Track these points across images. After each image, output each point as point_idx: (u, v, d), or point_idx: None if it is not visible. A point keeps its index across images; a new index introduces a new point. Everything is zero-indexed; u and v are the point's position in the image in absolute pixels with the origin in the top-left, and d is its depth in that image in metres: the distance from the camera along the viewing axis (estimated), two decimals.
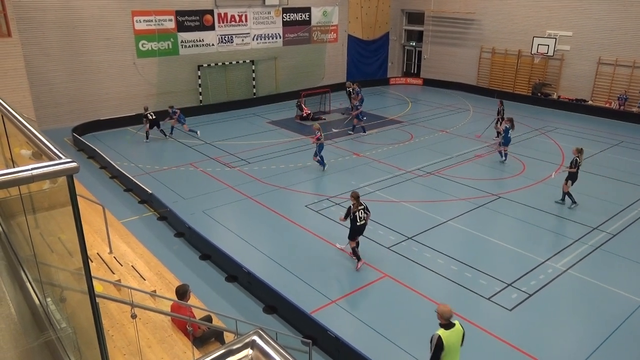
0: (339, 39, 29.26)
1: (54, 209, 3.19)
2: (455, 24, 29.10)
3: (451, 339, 6.09)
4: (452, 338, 6.10)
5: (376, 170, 16.05)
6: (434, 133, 20.45)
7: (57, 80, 20.16)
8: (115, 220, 11.29)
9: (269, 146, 18.61)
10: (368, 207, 10.30)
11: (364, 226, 10.25)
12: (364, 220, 10.10)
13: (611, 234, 11.96)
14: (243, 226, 12.47)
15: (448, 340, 6.06)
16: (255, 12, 25.08)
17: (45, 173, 2.17)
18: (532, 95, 26.16)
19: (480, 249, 11.30)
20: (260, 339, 1.79)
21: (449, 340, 6.07)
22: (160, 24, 22.18)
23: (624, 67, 23.13)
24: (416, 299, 9.44)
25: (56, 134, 18.62)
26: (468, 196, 14.10)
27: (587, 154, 17.74)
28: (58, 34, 19.72)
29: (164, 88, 22.94)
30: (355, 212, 9.99)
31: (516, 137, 19.89)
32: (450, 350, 6.10)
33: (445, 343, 6.03)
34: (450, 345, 6.07)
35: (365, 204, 10.26)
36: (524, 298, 9.43)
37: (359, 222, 10.04)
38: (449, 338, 6.06)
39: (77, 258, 2.58)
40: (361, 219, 10.04)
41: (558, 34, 24.57)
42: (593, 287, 9.87)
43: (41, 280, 3.71)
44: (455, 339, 6.16)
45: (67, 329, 3.37)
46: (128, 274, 8.00)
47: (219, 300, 9.40)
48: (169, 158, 17.34)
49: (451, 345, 6.09)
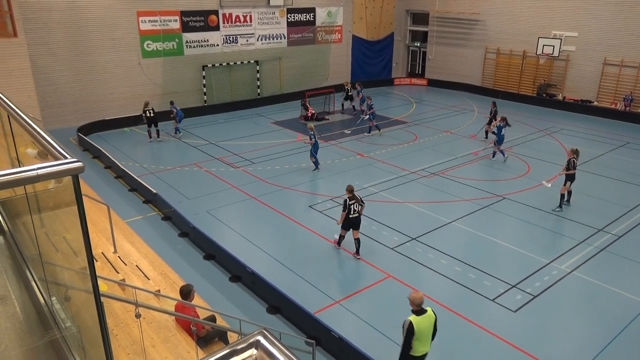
0: (344, 40, 29.25)
1: (59, 209, 3.20)
2: (460, 25, 29.03)
3: (422, 325, 6.36)
4: (423, 324, 6.37)
5: (380, 171, 16.03)
6: (439, 134, 20.41)
7: (62, 80, 20.25)
8: (120, 220, 11.32)
9: (273, 146, 18.62)
10: (363, 200, 10.75)
11: (358, 219, 10.63)
12: (357, 213, 10.55)
13: (616, 235, 11.89)
14: (247, 226, 12.48)
15: (419, 325, 6.33)
16: (260, 12, 25.11)
17: (50, 173, 2.18)
18: (537, 96, 26.07)
19: (485, 250, 11.27)
20: (265, 339, 1.79)
21: (420, 326, 6.34)
22: (165, 24, 22.25)
23: (629, 67, 23.01)
24: None
25: (61, 134, 18.70)
26: (472, 197, 14.06)
27: (593, 155, 17.70)
28: (63, 34, 19.80)
29: (169, 88, 23.00)
30: (351, 205, 10.43)
31: (521, 137, 19.85)
32: (421, 335, 6.39)
33: (416, 328, 6.30)
34: (421, 330, 6.35)
35: (359, 197, 10.71)
36: (529, 299, 9.40)
37: (352, 214, 10.50)
38: (419, 324, 6.34)
39: (82, 257, 2.59)
40: (354, 211, 10.50)
41: (563, 34, 24.47)
42: (598, 288, 9.82)
43: (46, 280, 3.73)
44: (427, 324, 6.43)
45: (71, 328, 3.39)
46: (132, 273, 8.02)
47: (223, 300, 9.41)
48: (173, 158, 17.38)
49: (422, 330, 6.37)
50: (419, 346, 6.46)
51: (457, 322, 8.80)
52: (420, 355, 6.57)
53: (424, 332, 6.41)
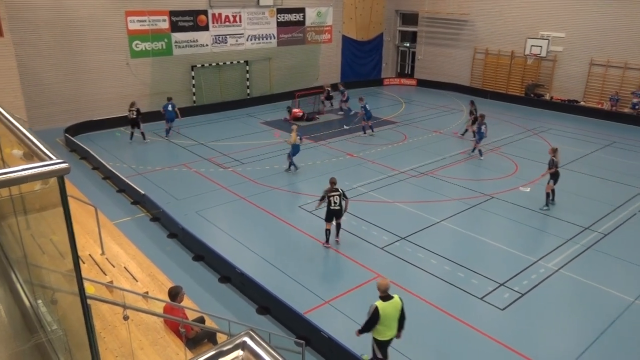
0: (333, 40, 29.29)
1: (46, 210, 3.18)
2: (449, 25, 29.20)
3: (387, 310, 6.75)
4: (388, 309, 6.76)
5: (370, 171, 16.08)
6: (428, 134, 20.51)
7: (49, 81, 20.04)
8: (108, 222, 11.23)
9: (262, 147, 18.59)
10: (346, 194, 11.09)
11: (339, 212, 10.94)
12: (338, 205, 10.82)
13: (602, 233, 12.04)
14: (236, 227, 12.45)
15: (384, 310, 6.73)
16: (250, 12, 25.05)
17: (35, 174, 2.16)
18: (525, 96, 26.30)
19: (473, 249, 11.35)
20: (251, 340, 1.79)
21: (385, 311, 6.73)
22: (154, 24, 22.11)
23: (615, 68, 23.30)
24: (409, 299, 9.44)
25: (48, 135, 18.50)
26: (461, 196, 14.16)
27: (580, 154, 17.91)
28: (51, 34, 19.60)
29: (158, 88, 22.85)
30: (330, 197, 10.74)
31: (509, 137, 20.02)
32: (387, 320, 6.79)
33: (382, 313, 6.70)
34: (386, 315, 6.75)
35: (342, 191, 10.97)
36: (516, 297, 9.48)
37: (333, 206, 10.81)
38: (385, 309, 6.73)
39: (69, 259, 2.57)
40: (335, 203, 10.79)
41: (551, 35, 24.71)
42: (585, 286, 9.94)
43: (32, 282, 3.69)
44: (392, 310, 6.81)
45: (58, 331, 3.36)
46: (120, 275, 7.96)
47: (212, 301, 9.38)
48: (162, 159, 17.28)
49: (387, 315, 6.77)
50: (385, 330, 6.86)
51: (446, 320, 8.86)
52: (387, 339, 6.98)
53: (390, 317, 6.81)
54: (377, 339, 6.94)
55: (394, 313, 6.81)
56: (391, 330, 6.92)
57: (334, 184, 10.97)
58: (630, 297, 9.54)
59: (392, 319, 6.82)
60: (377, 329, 6.85)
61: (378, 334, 6.90)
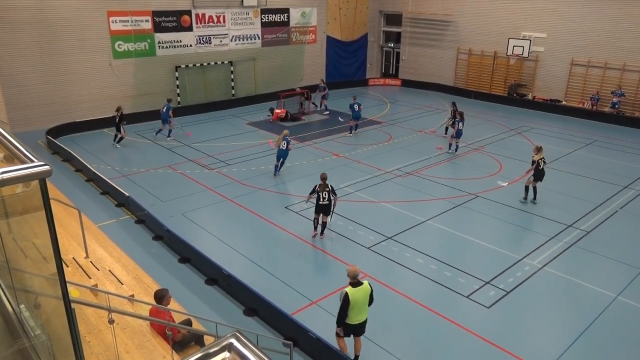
0: (318, 40, 29.31)
1: (28, 213, 3.13)
2: (433, 26, 29.42)
3: (357, 296, 7.07)
4: (357, 295, 7.08)
5: (356, 171, 16.12)
6: (413, 133, 20.64)
7: (30, 82, 19.72)
8: (92, 224, 11.10)
9: (248, 147, 18.53)
10: (335, 191, 11.40)
11: (327, 207, 11.26)
12: (327, 201, 11.18)
13: (585, 231, 12.23)
14: (223, 228, 12.39)
15: (354, 296, 7.04)
16: (234, 13, 24.95)
17: (16, 177, 2.13)
18: (508, 95, 26.61)
19: (459, 248, 11.44)
20: (238, 342, 1.79)
21: (355, 297, 7.05)
22: (136, 24, 21.90)
23: (596, 68, 23.70)
24: (397, 298, 9.51)
25: (30, 137, 18.22)
26: (446, 196, 14.27)
27: (562, 153, 18.17)
28: (32, 35, 19.29)
29: (141, 89, 22.64)
30: (319, 192, 11.13)
31: (493, 136, 20.24)
32: (356, 305, 7.10)
33: (351, 299, 7.02)
34: (356, 301, 7.06)
35: (332, 187, 11.33)
36: (502, 295, 9.59)
37: (322, 201, 11.18)
38: (354, 294, 7.05)
39: (52, 263, 2.54)
40: (324, 199, 11.15)
41: (532, 35, 25.04)
42: (568, 283, 10.08)
43: (14, 287, 3.63)
44: (362, 296, 7.12)
45: (41, 336, 3.31)
46: (105, 278, 7.87)
47: (199, 303, 9.31)
48: (146, 160, 17.11)
49: (357, 301, 7.08)
50: (354, 315, 7.18)
51: (433, 319, 8.92)
52: (356, 323, 7.29)
53: (359, 303, 7.11)
54: (346, 323, 7.27)
55: (363, 298, 7.14)
56: (360, 315, 7.25)
57: (325, 180, 11.30)
58: (613, 293, 9.70)
59: (362, 304, 7.16)
60: (348, 314, 7.17)
61: (347, 318, 7.23)
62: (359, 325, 7.38)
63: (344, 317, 7.15)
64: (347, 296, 7.01)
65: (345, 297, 7.02)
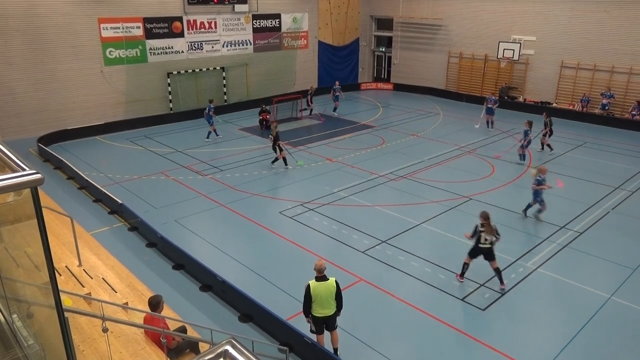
0: (310, 45, 29.37)
1: (19, 222, 3.11)
2: (424, 30, 29.59)
3: (319, 290, 7.42)
4: (320, 289, 7.42)
5: (349, 175, 16.13)
6: (405, 137, 20.70)
7: (21, 90, 19.60)
8: (85, 232, 11.03)
9: (241, 153, 18.50)
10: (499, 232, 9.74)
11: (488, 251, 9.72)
12: (488, 243, 9.66)
13: (578, 232, 12.30)
14: (217, 234, 12.34)
15: (315, 290, 7.41)
16: (225, 18, 24.97)
17: (7, 185, 2.11)
18: (499, 98, 26.74)
19: (453, 251, 11.45)
20: (233, 348, 1.78)
21: (317, 290, 7.41)
22: (128, 31, 21.85)
23: (585, 70, 23.92)
24: (392, 302, 9.51)
25: (21, 145, 18.10)
26: (440, 199, 14.31)
27: (553, 155, 18.29)
28: (22, 42, 19.20)
29: (133, 96, 22.57)
30: (481, 232, 9.66)
31: (485, 139, 20.35)
32: (318, 299, 7.44)
33: (313, 292, 7.40)
34: (318, 295, 7.41)
35: (495, 227, 9.70)
36: (497, 297, 9.61)
37: (483, 243, 9.67)
38: (316, 288, 7.41)
39: (44, 272, 2.52)
40: (486, 240, 9.65)
41: (522, 38, 25.21)
42: (562, 284, 10.13)
43: (6, 297, 3.60)
44: (325, 291, 7.45)
45: (34, 345, 3.28)
46: (99, 286, 7.82)
47: (194, 310, 9.26)
48: (139, 167, 17.03)
49: (319, 295, 7.42)
50: (317, 307, 7.52)
51: (428, 322, 8.92)
52: (320, 316, 7.59)
53: (321, 297, 7.43)
54: (312, 314, 7.62)
55: (325, 293, 7.45)
56: (323, 309, 7.54)
57: (488, 219, 9.63)
58: (607, 293, 9.75)
59: (324, 299, 7.46)
60: (312, 306, 7.54)
61: (312, 310, 7.58)
62: (326, 319, 7.65)
63: (307, 308, 7.56)
64: (308, 288, 7.45)
65: (307, 288, 7.46)
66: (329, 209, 13.53)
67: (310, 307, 7.53)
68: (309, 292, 7.43)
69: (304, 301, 7.54)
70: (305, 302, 7.53)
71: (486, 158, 17.88)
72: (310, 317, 7.66)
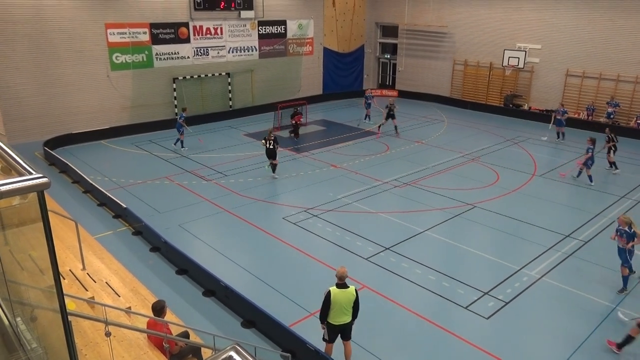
0: (315, 52, 29.46)
1: (24, 225, 3.11)
2: (429, 37, 29.64)
3: (339, 297, 7.29)
4: (340, 296, 7.29)
5: (353, 182, 16.12)
6: (410, 144, 20.69)
7: (27, 94, 19.73)
8: (89, 236, 11.06)
9: (245, 158, 18.53)
10: None
11: None
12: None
13: (583, 241, 12.23)
14: (220, 240, 12.34)
15: (335, 297, 7.27)
16: (231, 24, 25.09)
17: (14, 189, 2.12)
18: (504, 106, 26.74)
19: (457, 259, 11.42)
20: (237, 355, 1.77)
21: (337, 298, 7.27)
22: (134, 36, 21.99)
23: (590, 78, 23.87)
24: (395, 309, 9.47)
25: (27, 148, 18.19)
26: (444, 206, 14.27)
27: (558, 163, 18.22)
28: (29, 47, 19.34)
29: (139, 101, 22.68)
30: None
31: (489, 147, 20.31)
32: (337, 306, 7.32)
33: (333, 299, 7.26)
34: (337, 302, 7.29)
35: None
36: (501, 306, 9.55)
37: None
38: (336, 296, 7.28)
39: (49, 275, 2.52)
40: None
41: (528, 46, 25.25)
42: (566, 293, 10.05)
43: (10, 300, 3.60)
44: (344, 299, 7.32)
45: (37, 349, 3.28)
46: (102, 290, 7.82)
47: (196, 315, 9.25)
48: (143, 171, 17.08)
49: (338, 302, 7.29)
50: (335, 316, 7.40)
51: (432, 330, 8.87)
52: (338, 324, 7.45)
53: (340, 305, 7.31)
54: (328, 322, 7.48)
55: (344, 301, 7.33)
56: (340, 317, 7.41)
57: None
58: (612, 303, 9.68)
59: (342, 306, 7.34)
60: (329, 313, 7.41)
61: (329, 317, 7.45)
62: (342, 327, 7.52)
63: (325, 315, 7.41)
64: (328, 294, 7.30)
65: (327, 295, 7.30)
66: (332, 215, 13.52)
67: (328, 314, 7.39)
68: (329, 299, 7.27)
69: (322, 307, 7.39)
70: (323, 308, 7.38)
71: (491, 166, 17.84)
72: (326, 324, 7.53)
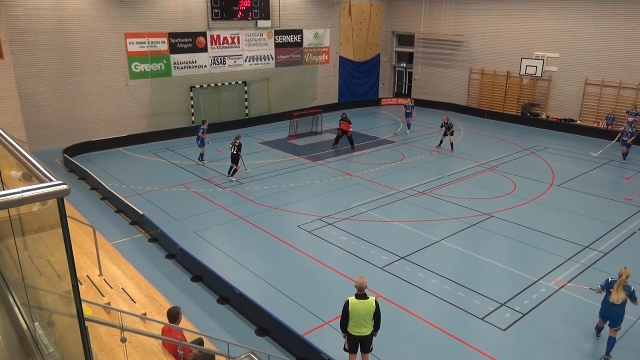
0: (331, 61, 29.59)
1: (44, 231, 3.16)
2: (445, 46, 29.56)
3: (357, 308, 7.22)
4: (358, 307, 7.22)
5: (368, 190, 16.08)
6: (426, 153, 20.58)
7: (48, 102, 20.14)
8: (106, 242, 11.19)
9: (261, 167, 18.61)
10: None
11: None
12: None
13: (602, 252, 12.00)
14: (235, 247, 12.39)
15: (354, 307, 7.22)
16: (248, 34, 25.35)
17: (35, 195, 2.15)
18: (522, 115, 26.48)
19: (473, 269, 11.28)
20: None
21: (355, 308, 7.21)
22: (153, 45, 22.33)
23: (610, 87, 23.54)
24: (410, 319, 9.38)
25: (47, 155, 18.53)
26: (460, 215, 14.14)
27: (577, 172, 17.96)
28: (51, 56, 19.77)
29: (156, 109, 22.98)
30: None
31: (507, 156, 20.10)
32: (355, 317, 7.24)
33: (351, 309, 7.21)
34: (355, 312, 7.22)
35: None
36: (518, 318, 9.40)
37: None
38: (355, 306, 7.22)
39: (66, 281, 2.55)
40: None
41: (545, 55, 25.01)
42: (586, 305, 9.85)
43: (29, 304, 3.65)
44: (363, 309, 7.23)
45: (55, 353, 3.31)
46: (118, 296, 7.89)
47: (211, 322, 9.27)
48: (160, 179, 17.26)
49: (356, 312, 7.22)
50: (353, 326, 7.33)
51: (447, 341, 8.76)
52: (356, 334, 7.37)
53: (358, 315, 7.23)
54: (348, 332, 7.42)
55: (363, 312, 7.25)
56: (359, 328, 7.32)
57: None
58: (633, 317, 9.45)
59: (361, 317, 7.25)
60: (348, 323, 7.36)
61: (348, 327, 7.40)
62: (362, 339, 7.44)
63: (344, 324, 7.37)
64: (347, 304, 7.27)
65: (345, 305, 7.28)
66: (347, 224, 13.48)
67: (347, 324, 7.35)
68: (347, 309, 7.25)
69: (342, 317, 7.37)
70: (343, 318, 7.36)
71: (508, 175, 17.65)
72: (346, 334, 7.50)
